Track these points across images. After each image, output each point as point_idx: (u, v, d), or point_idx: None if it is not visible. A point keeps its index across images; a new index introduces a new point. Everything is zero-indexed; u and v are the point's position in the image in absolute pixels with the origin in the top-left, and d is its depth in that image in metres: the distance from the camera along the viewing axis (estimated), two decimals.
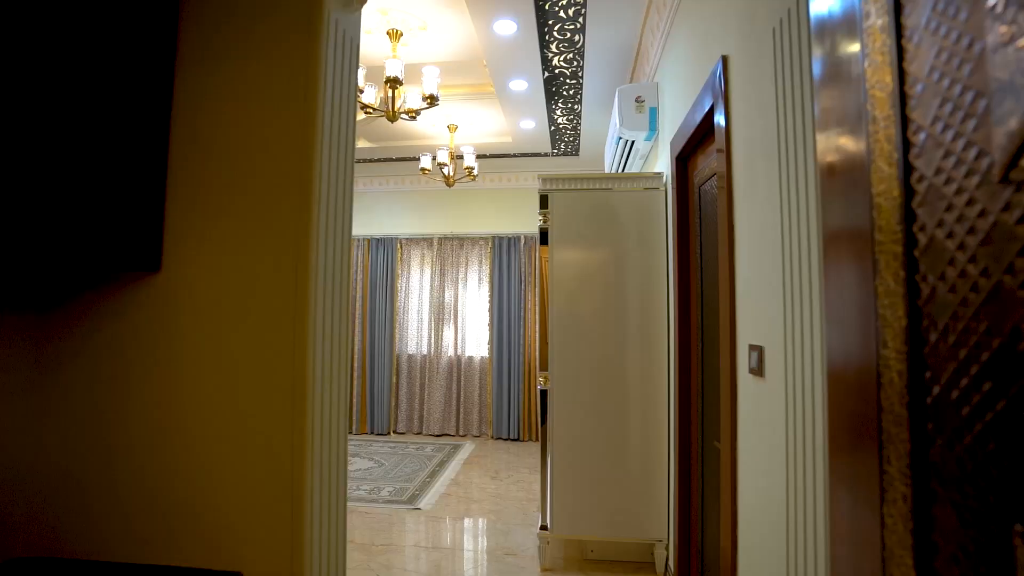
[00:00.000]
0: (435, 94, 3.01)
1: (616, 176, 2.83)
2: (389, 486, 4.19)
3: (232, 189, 1.14)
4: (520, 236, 6.00)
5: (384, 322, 6.16)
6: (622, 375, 2.69)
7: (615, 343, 2.71)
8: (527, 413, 5.85)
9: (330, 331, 1.20)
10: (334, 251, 1.22)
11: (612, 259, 2.76)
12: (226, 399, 1.11)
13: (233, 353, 1.11)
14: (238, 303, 1.12)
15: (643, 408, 2.67)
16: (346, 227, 1.29)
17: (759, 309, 1.34)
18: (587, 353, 2.72)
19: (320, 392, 1.15)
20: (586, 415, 2.71)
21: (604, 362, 2.71)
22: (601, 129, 4.66)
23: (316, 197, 1.14)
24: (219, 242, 1.14)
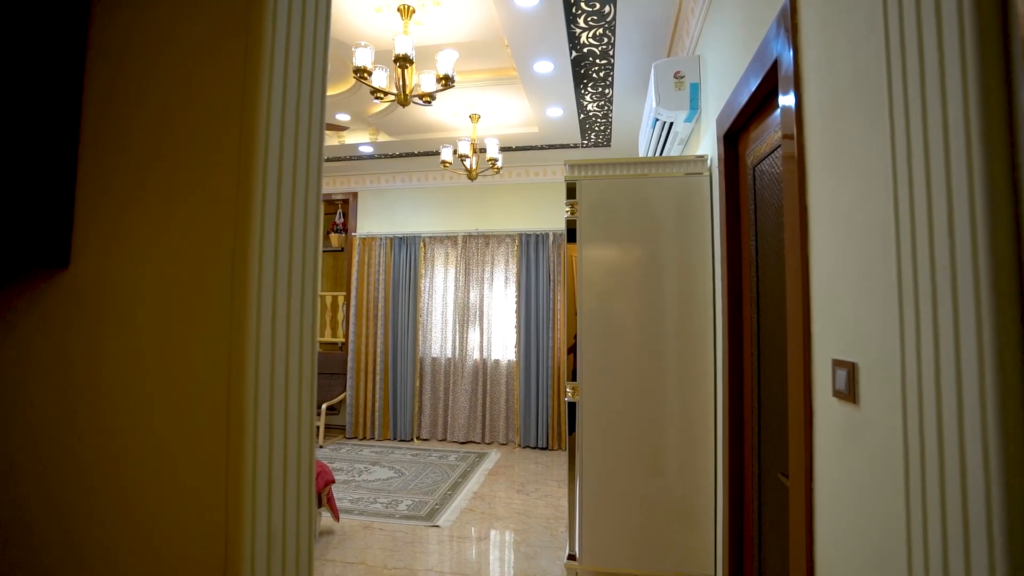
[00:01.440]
0: (450, 74, 2.74)
1: (653, 160, 2.49)
2: (408, 499, 3.95)
3: (153, 168, 0.88)
4: (548, 233, 5.69)
5: (407, 324, 5.94)
6: (660, 389, 2.36)
7: (652, 352, 2.37)
8: (556, 421, 5.53)
9: (284, 336, 0.92)
10: (290, 243, 0.95)
11: (649, 255, 2.43)
12: (143, 426, 0.85)
13: (153, 366, 0.85)
14: (159, 303, 0.86)
15: (684, 427, 2.33)
16: (309, 213, 1.02)
17: (850, 314, 1.01)
18: (621, 363, 2.40)
19: (266, 414, 0.88)
20: (619, 432, 2.39)
21: (640, 374, 2.38)
22: (634, 116, 4.31)
23: (259, 177, 0.86)
24: (138, 233, 0.88)
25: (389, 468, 4.74)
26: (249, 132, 0.86)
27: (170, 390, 0.84)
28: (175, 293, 0.86)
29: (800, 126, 1.25)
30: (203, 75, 0.88)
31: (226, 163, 0.86)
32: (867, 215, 0.93)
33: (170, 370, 0.85)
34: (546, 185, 5.82)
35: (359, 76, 2.68)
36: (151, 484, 0.82)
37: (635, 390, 2.39)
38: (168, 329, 0.86)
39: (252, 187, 0.86)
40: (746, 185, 1.92)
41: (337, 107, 4.58)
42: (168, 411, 0.84)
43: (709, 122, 2.41)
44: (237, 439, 0.84)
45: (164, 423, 0.84)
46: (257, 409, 0.86)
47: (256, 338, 0.86)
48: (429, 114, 4.60)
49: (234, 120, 0.87)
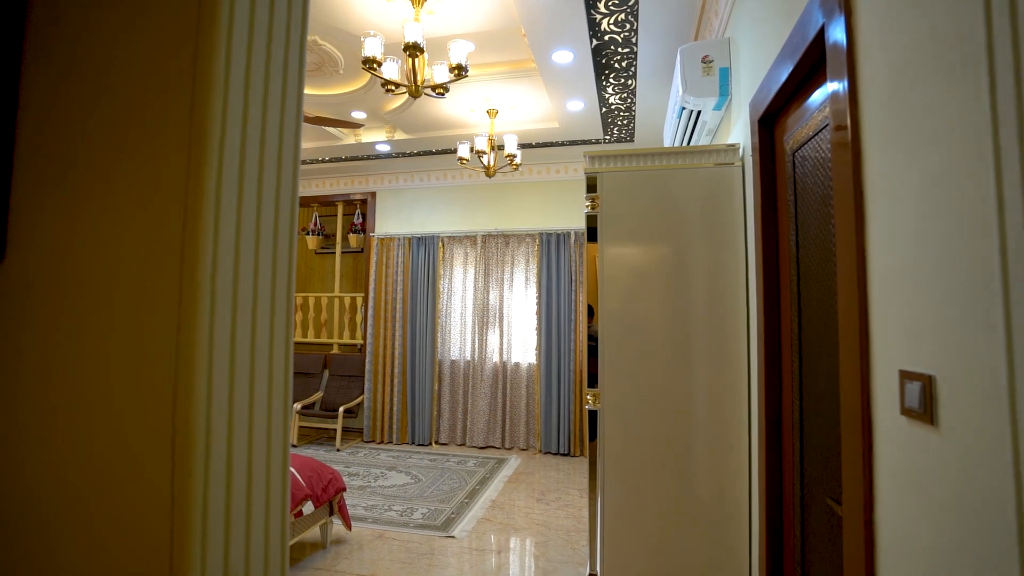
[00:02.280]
0: (463, 64, 2.60)
1: (680, 150, 2.32)
2: (424, 507, 3.82)
3: (94, 151, 0.76)
4: (570, 232, 5.52)
5: (426, 325, 5.84)
6: (687, 396, 2.18)
7: (679, 357, 2.19)
8: (578, 426, 5.35)
9: (248, 340, 0.79)
10: (256, 236, 0.82)
11: (676, 252, 2.26)
12: (67, 445, 0.72)
13: (86, 373, 0.73)
14: (98, 300, 0.74)
15: (715, 438, 2.14)
16: (283, 203, 0.89)
17: (924, 316, 0.83)
18: (645, 369, 2.22)
19: (222, 429, 0.74)
20: (643, 443, 2.21)
21: (666, 379, 2.20)
22: (659, 109, 4.12)
23: (213, 159, 0.73)
24: (79, 224, 0.76)
25: (406, 473, 4.63)
26: (202, 107, 0.73)
27: (104, 403, 0.71)
28: (116, 290, 0.73)
29: (854, 99, 1.07)
30: (147, 41, 0.75)
31: (175, 142, 0.74)
32: (951, 195, 0.75)
33: (105, 379, 0.72)
34: (567, 183, 5.65)
35: (368, 67, 2.57)
36: (75, 515, 0.70)
37: (661, 397, 2.21)
38: (105, 331, 0.73)
39: (203, 172, 0.73)
40: (784, 174, 1.74)
41: (353, 104, 4.49)
42: (100, 427, 0.71)
43: (741, 108, 2.22)
44: (184, 462, 0.70)
45: (94, 441, 0.71)
46: (210, 424, 0.73)
47: (209, 342, 0.73)
48: (446, 110, 4.48)
49: (184, 92, 0.74)
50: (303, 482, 2.89)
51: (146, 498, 0.69)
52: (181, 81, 0.73)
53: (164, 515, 0.69)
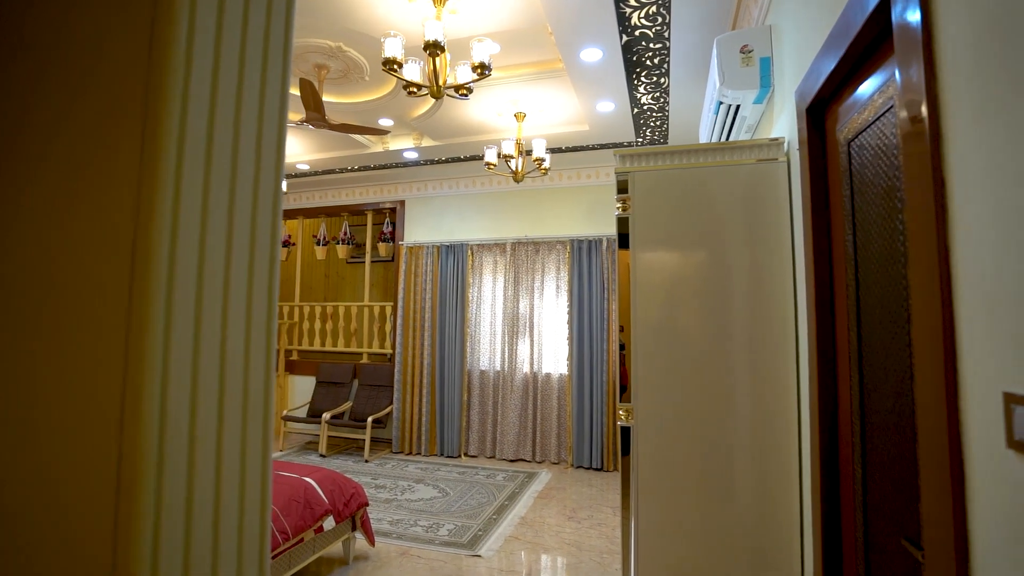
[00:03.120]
0: (486, 62, 2.50)
1: (718, 146, 2.15)
2: (450, 522, 3.70)
3: (33, 132, 0.67)
4: (602, 238, 5.36)
5: (454, 335, 5.74)
6: (728, 414, 1.99)
7: (719, 369, 2.01)
8: (611, 440, 5.15)
9: (215, 356, 0.69)
10: (227, 235, 0.71)
11: (715, 256, 2.08)
12: None
13: (20, 387, 0.63)
14: (35, 297, 0.65)
15: (758, 461, 1.95)
16: (263, 198, 0.78)
17: None
18: (681, 384, 2.05)
19: (180, 465, 0.64)
20: (680, 464, 2.03)
21: (704, 396, 2.02)
22: (694, 107, 3.94)
23: (171, 142, 0.63)
24: (15, 211, 0.67)
25: (433, 487, 4.52)
26: (158, 74, 0.63)
27: (30, 424, 0.61)
28: (52, 290, 0.64)
29: (931, 75, 0.91)
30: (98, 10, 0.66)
31: (128, 120, 0.64)
32: None
33: (31, 393, 0.62)
34: (599, 188, 5.50)
35: (388, 68, 2.49)
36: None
37: (698, 414, 2.03)
38: (38, 334, 0.63)
39: (160, 156, 0.62)
40: (837, 167, 1.56)
41: (379, 112, 4.46)
42: (25, 454, 0.61)
43: (785, 100, 2.04)
44: (129, 506, 0.59)
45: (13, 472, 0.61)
46: (164, 458, 0.62)
47: (163, 352, 0.62)
48: (473, 115, 4.40)
49: (139, 59, 0.64)
50: (324, 497, 2.81)
51: (80, 550, 0.58)
52: (135, 39, 0.63)
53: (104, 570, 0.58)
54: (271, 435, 0.78)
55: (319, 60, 3.69)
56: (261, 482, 0.76)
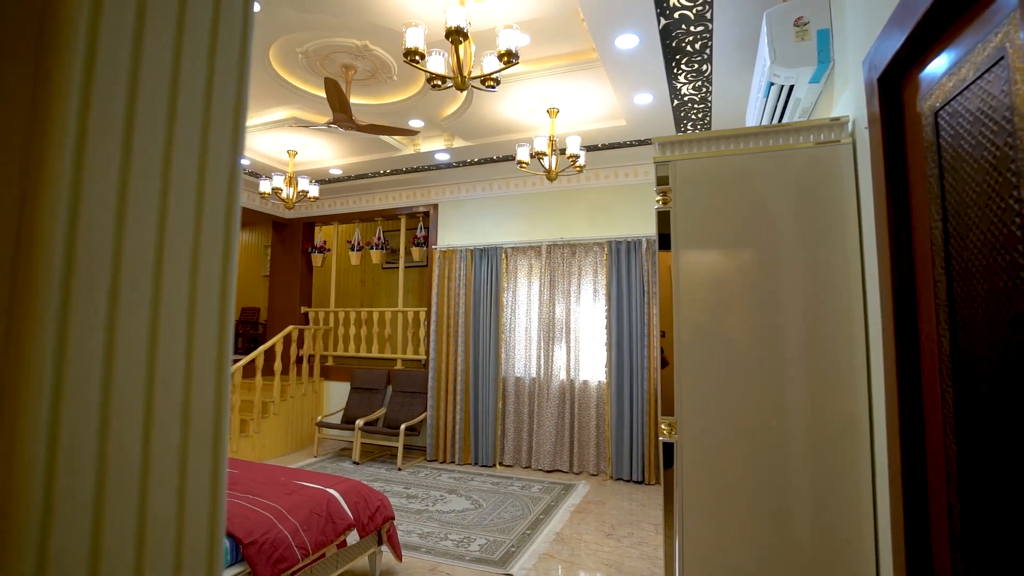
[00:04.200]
0: (512, 50, 2.34)
1: (769, 129, 1.92)
2: (482, 537, 3.53)
3: None
4: (641, 240, 5.11)
5: (489, 341, 5.60)
6: (784, 429, 1.75)
7: (774, 381, 1.78)
8: (653, 451, 4.88)
9: (141, 371, 0.55)
10: (158, 210, 0.57)
11: (766, 253, 1.85)
12: None
13: None
14: None
15: (820, 480, 1.70)
16: (217, 176, 0.64)
17: None
18: (731, 395, 1.82)
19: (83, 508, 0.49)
20: (731, 486, 1.81)
21: (757, 409, 1.79)
22: (739, 96, 3.68)
23: (74, 80, 0.49)
24: None
25: (466, 498, 4.37)
26: None
27: None
28: None
29: None
30: None
31: (13, 63, 0.50)
32: None
33: None
34: (637, 186, 5.26)
35: (410, 59, 2.37)
36: None
37: (751, 429, 1.80)
38: None
39: (54, 106, 0.49)
40: (919, 142, 1.32)
41: (409, 112, 4.37)
42: None
43: (848, 74, 1.80)
44: None
45: None
46: (51, 500, 0.48)
47: (54, 369, 0.47)
48: (503, 113, 4.25)
49: None
50: (348, 510, 2.69)
51: None
52: None
53: None
54: (222, 485, 0.64)
55: (346, 60, 3.62)
56: (211, 546, 0.61)
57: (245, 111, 0.67)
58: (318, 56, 3.58)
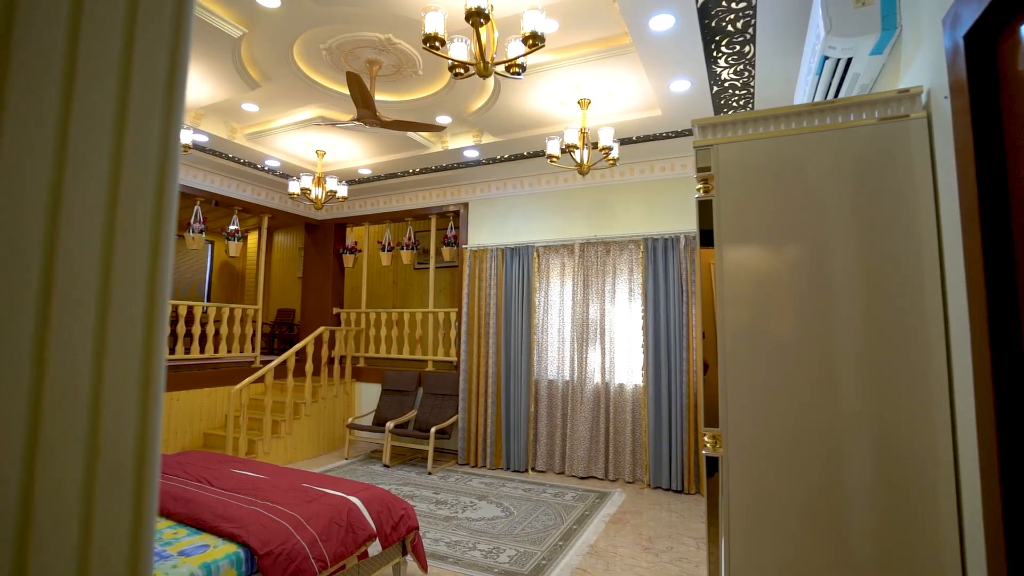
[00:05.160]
0: (537, 31, 2.19)
1: (823, 106, 1.70)
2: (511, 547, 3.38)
3: None
4: (679, 236, 4.87)
5: (520, 342, 5.45)
6: (847, 449, 1.53)
7: (836, 392, 1.56)
8: (693, 458, 4.63)
9: None
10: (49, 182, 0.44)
11: (822, 244, 1.63)
12: None
13: None
14: None
15: (890, 513, 1.48)
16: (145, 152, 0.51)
17: None
18: (783, 404, 1.61)
19: None
20: (783, 504, 1.60)
21: (814, 423, 1.58)
22: (786, 80, 3.41)
23: None
24: None
25: (497, 505, 4.23)
26: None
27: None
28: None
29: None
30: None
31: None
32: None
33: None
34: (674, 181, 5.01)
35: (430, 45, 2.24)
36: None
37: (807, 443, 1.59)
38: None
39: None
40: (1018, 113, 1.10)
41: (436, 108, 4.26)
42: None
43: (921, 38, 1.57)
44: None
45: None
46: None
47: None
48: (533, 105, 4.10)
49: None
50: (370, 519, 2.58)
51: None
52: None
53: None
54: (151, 518, 0.51)
55: (370, 55, 3.54)
56: None
57: (183, 74, 0.53)
58: (342, 52, 3.50)
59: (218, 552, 2.06)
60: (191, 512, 2.34)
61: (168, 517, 2.40)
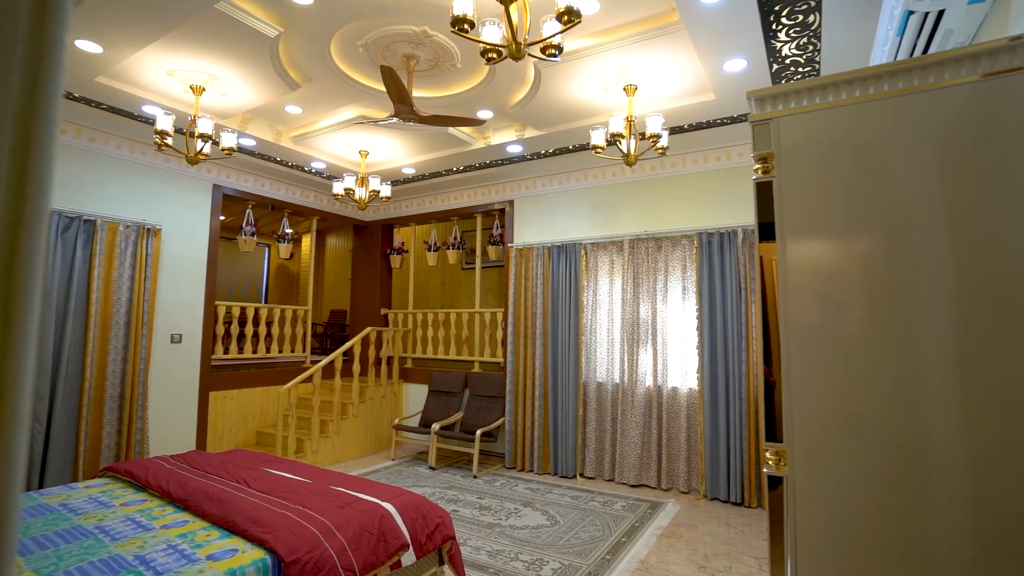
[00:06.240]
0: (572, 7, 2.01)
1: (910, 64, 1.43)
2: (556, 559, 3.20)
3: None
4: (736, 230, 4.55)
5: (568, 343, 5.26)
6: (943, 472, 1.27)
7: (931, 405, 1.30)
8: (754, 468, 4.30)
9: None
10: None
11: (912, 231, 1.38)
12: None
13: None
14: None
15: (1003, 544, 1.21)
16: None
17: None
18: (866, 416, 1.37)
19: None
20: (864, 531, 1.36)
21: (901, 442, 1.32)
22: (858, 49, 3.08)
23: None
24: None
25: (542, 512, 4.06)
26: None
27: None
28: None
29: None
30: None
31: None
32: None
33: None
34: (730, 172, 4.69)
35: (459, 28, 2.11)
36: None
37: (893, 464, 1.34)
38: None
39: None
40: None
41: (476, 103, 4.15)
42: None
43: None
44: None
45: None
46: None
47: None
48: (575, 94, 3.90)
49: None
50: (404, 527, 2.48)
51: None
52: None
53: None
54: None
55: (406, 50, 3.46)
56: None
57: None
58: (378, 48, 3.44)
59: (245, 558, 2.00)
60: (224, 514, 2.31)
61: (204, 518, 2.38)
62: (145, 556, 2.01)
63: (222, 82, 3.76)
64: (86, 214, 4.20)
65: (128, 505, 2.59)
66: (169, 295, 4.82)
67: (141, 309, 4.50)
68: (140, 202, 4.63)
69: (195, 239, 5.03)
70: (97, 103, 4.00)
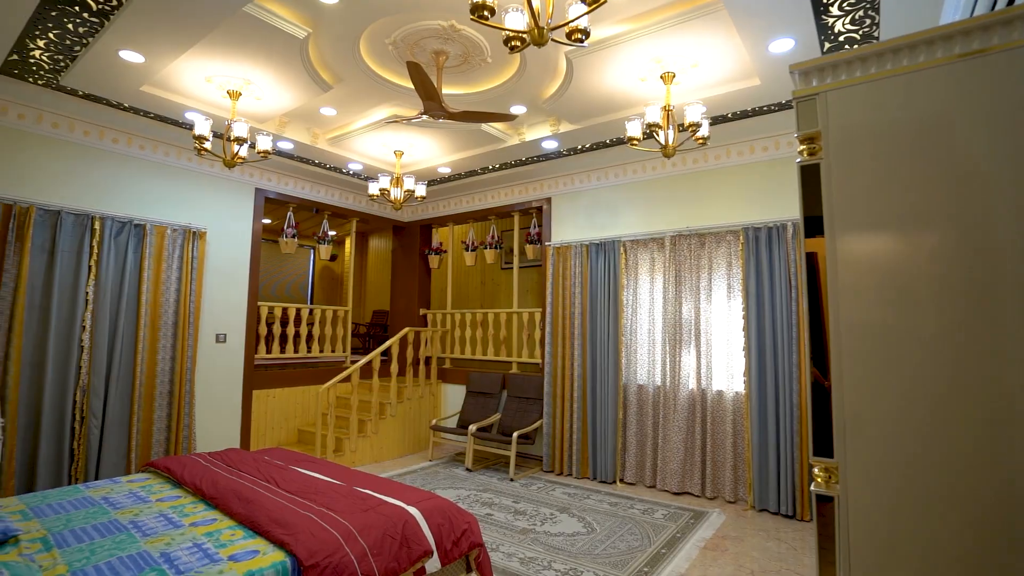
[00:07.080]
0: None
1: (985, 21, 1.23)
2: (589, 570, 3.07)
3: None
4: (785, 224, 4.28)
5: (607, 344, 5.09)
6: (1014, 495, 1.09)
7: (1010, 416, 1.12)
8: (806, 479, 4.02)
9: None
10: None
11: (989, 218, 1.19)
12: None
13: None
14: None
15: None
16: None
17: None
18: (929, 428, 1.19)
19: None
20: (929, 552, 1.18)
21: (972, 458, 1.14)
22: (921, 22, 2.80)
23: None
24: None
25: (578, 519, 3.92)
26: None
27: None
28: None
29: None
30: None
31: None
32: None
33: None
34: (778, 163, 4.41)
35: (477, 15, 2.02)
36: None
37: (965, 481, 1.15)
38: None
39: None
40: None
41: (509, 98, 4.06)
42: None
43: None
44: None
45: None
46: None
47: None
48: (610, 85, 3.75)
49: None
50: (429, 532, 2.41)
51: None
52: None
53: None
54: None
55: (435, 46, 3.40)
56: None
57: None
58: (407, 45, 3.40)
59: (265, 560, 1.97)
60: (249, 513, 2.30)
61: (231, 516, 2.39)
62: (170, 554, 2.01)
63: (257, 86, 3.82)
64: (136, 218, 4.36)
65: (163, 501, 2.64)
66: (214, 296, 4.96)
67: (187, 309, 4.64)
68: (186, 206, 4.78)
69: (239, 241, 5.16)
70: (144, 112, 4.14)
